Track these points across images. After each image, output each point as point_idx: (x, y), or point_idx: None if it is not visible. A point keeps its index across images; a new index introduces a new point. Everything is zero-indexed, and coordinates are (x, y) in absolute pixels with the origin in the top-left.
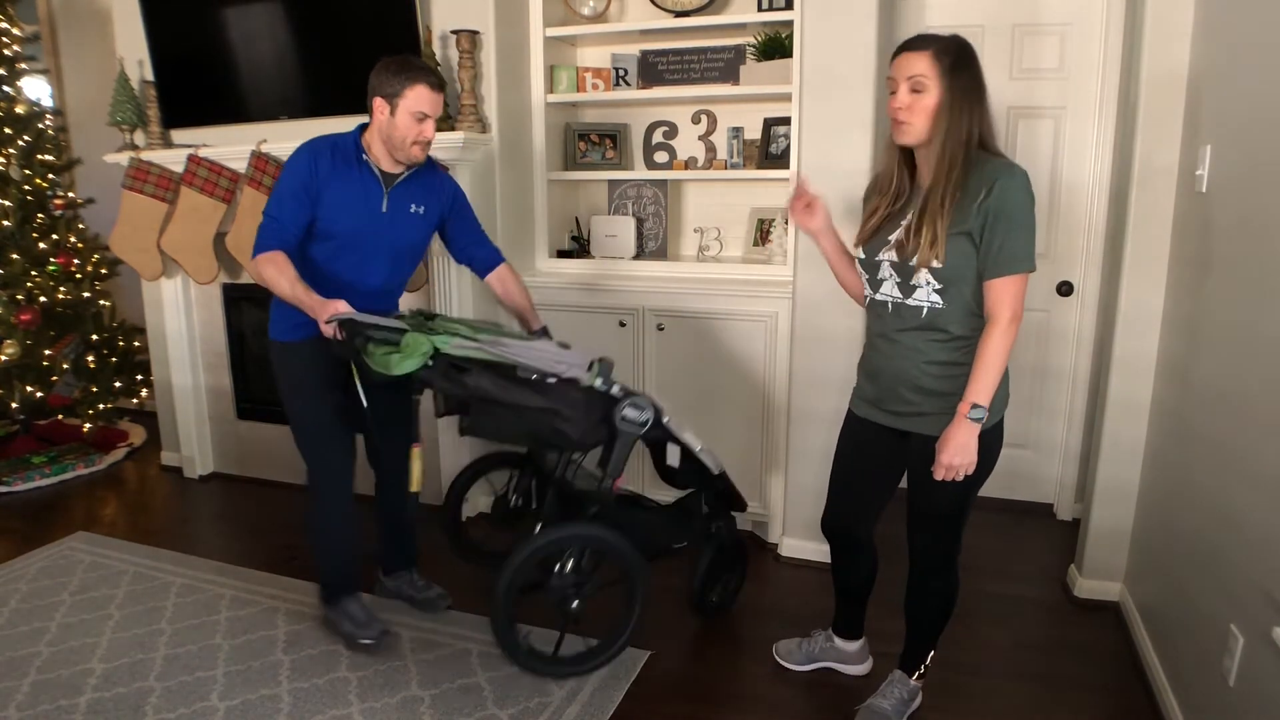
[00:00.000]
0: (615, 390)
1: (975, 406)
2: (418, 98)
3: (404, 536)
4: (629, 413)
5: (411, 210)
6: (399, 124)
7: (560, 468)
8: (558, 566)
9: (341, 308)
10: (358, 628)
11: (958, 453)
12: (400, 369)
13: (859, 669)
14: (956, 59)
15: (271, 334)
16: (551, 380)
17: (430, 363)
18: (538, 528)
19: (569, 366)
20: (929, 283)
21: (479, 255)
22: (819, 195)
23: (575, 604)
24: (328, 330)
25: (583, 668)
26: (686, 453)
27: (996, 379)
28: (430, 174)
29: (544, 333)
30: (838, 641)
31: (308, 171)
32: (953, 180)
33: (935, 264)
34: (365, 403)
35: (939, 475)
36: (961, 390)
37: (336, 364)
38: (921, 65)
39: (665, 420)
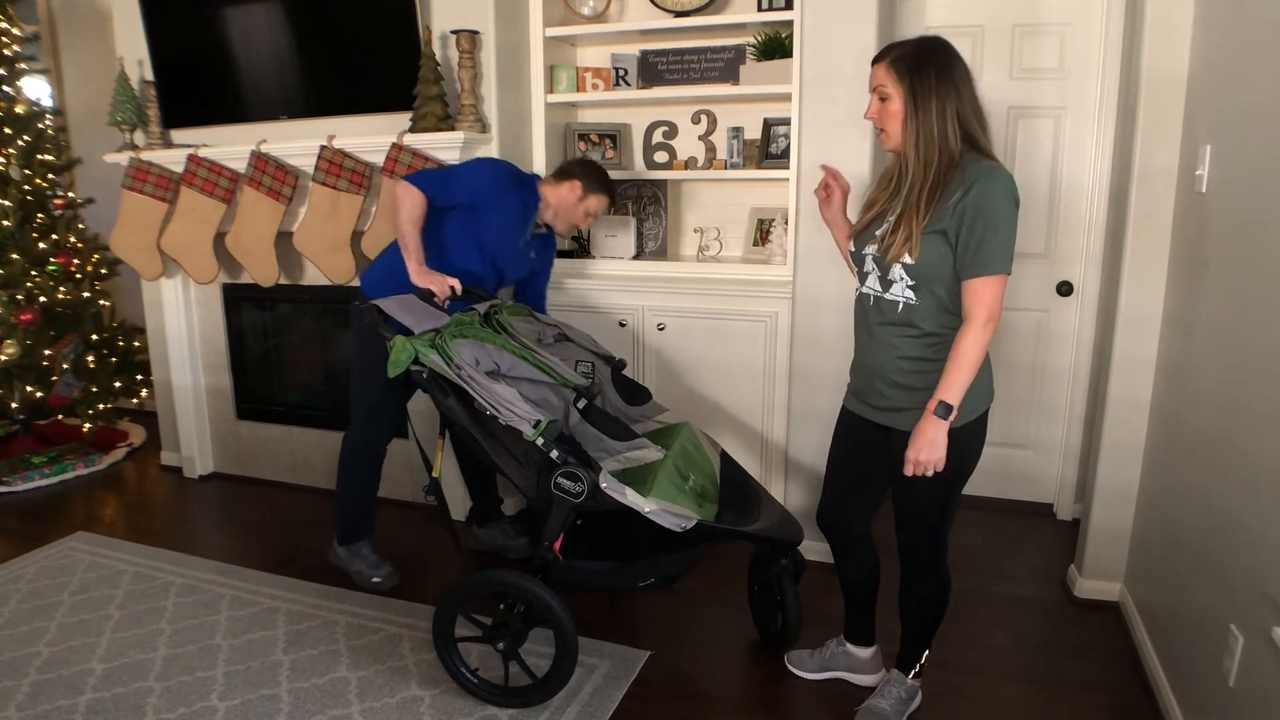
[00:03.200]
0: (555, 455)
1: (942, 404)
2: (601, 204)
3: (492, 490)
4: (563, 482)
5: (531, 256)
6: (578, 211)
7: (534, 499)
8: (502, 605)
9: (448, 283)
10: (369, 567)
11: (924, 448)
12: (390, 370)
13: (871, 679)
14: (915, 60)
15: (365, 288)
16: (501, 422)
17: (424, 370)
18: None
19: (515, 417)
20: (903, 278)
21: (537, 306)
22: (841, 188)
23: (501, 644)
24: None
25: (520, 700)
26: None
27: (969, 378)
28: (550, 236)
29: (563, 337)
30: (849, 647)
31: (486, 189)
32: (930, 178)
33: (907, 259)
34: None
35: (907, 471)
36: (933, 387)
37: None
38: (880, 75)
39: (604, 486)
